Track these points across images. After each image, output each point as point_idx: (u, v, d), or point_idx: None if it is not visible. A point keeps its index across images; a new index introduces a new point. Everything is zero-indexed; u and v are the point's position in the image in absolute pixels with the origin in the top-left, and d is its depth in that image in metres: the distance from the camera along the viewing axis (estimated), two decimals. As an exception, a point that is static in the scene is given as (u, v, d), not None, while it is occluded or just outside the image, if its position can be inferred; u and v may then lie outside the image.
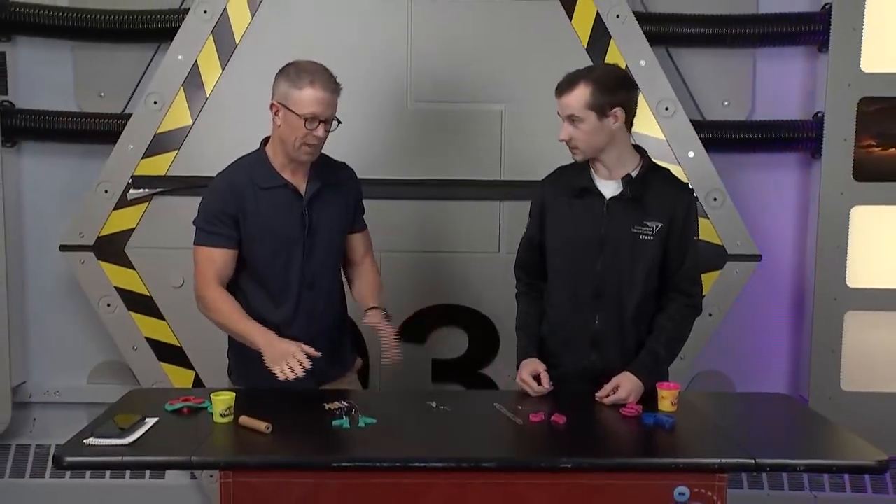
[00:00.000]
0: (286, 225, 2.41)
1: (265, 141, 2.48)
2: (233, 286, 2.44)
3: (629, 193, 2.38)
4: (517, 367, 2.47)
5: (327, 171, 2.49)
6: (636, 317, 2.41)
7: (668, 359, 2.44)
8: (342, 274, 2.62)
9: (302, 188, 2.43)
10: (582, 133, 2.33)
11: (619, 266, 2.39)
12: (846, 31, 3.33)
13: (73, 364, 3.56)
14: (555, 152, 2.62)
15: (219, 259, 2.39)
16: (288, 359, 2.24)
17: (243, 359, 2.46)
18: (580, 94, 2.31)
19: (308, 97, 2.30)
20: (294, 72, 2.34)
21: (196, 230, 2.42)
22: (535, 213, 2.53)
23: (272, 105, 2.36)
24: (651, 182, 2.41)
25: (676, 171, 3.10)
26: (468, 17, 3.23)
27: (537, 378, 2.39)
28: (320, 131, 2.34)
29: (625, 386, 2.31)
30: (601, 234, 2.39)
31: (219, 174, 2.46)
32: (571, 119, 2.33)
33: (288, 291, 2.44)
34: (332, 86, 2.35)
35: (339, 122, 2.40)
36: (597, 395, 2.33)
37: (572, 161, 2.47)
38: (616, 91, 2.34)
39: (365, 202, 2.67)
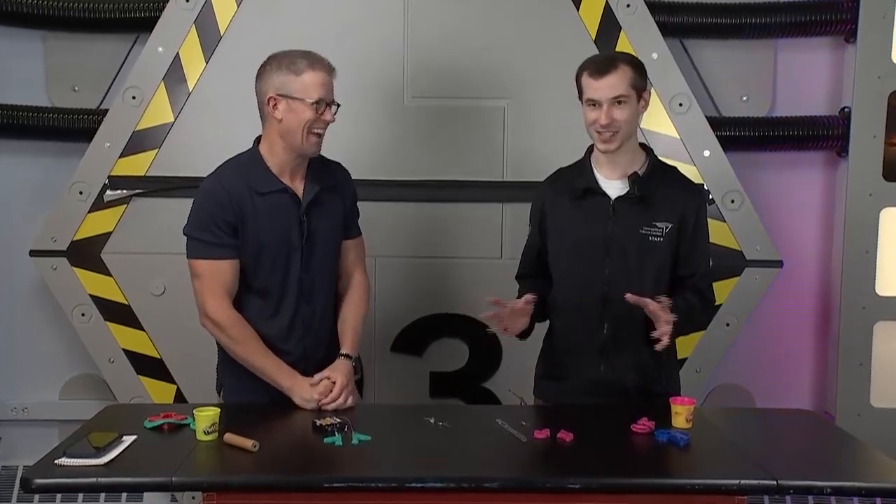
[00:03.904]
0: (285, 233, 2.42)
1: (258, 140, 2.49)
2: None
3: (636, 192, 2.40)
4: None
5: (323, 173, 2.50)
6: (647, 324, 2.41)
7: (697, 317, 2.47)
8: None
9: (300, 192, 2.44)
10: (625, 115, 2.36)
11: (627, 269, 2.41)
12: (875, 20, 3.34)
13: (43, 378, 3.57)
14: (561, 152, 2.65)
15: (227, 272, 2.39)
16: (312, 401, 2.36)
17: (234, 372, 2.48)
18: (625, 73, 2.35)
19: (311, 81, 2.35)
20: (286, 60, 2.37)
21: (191, 240, 2.41)
22: (535, 219, 2.56)
23: (269, 100, 2.37)
24: (659, 181, 2.44)
25: (691, 170, 3.14)
26: (469, 7, 3.25)
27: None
28: (328, 115, 2.39)
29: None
30: (607, 235, 2.41)
31: (211, 177, 2.45)
32: (618, 100, 2.34)
33: (284, 303, 2.45)
34: (328, 66, 2.41)
35: (339, 105, 2.43)
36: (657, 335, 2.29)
37: (572, 162, 2.49)
38: (644, 74, 2.41)
39: (359, 205, 2.68)
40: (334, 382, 2.39)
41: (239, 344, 2.41)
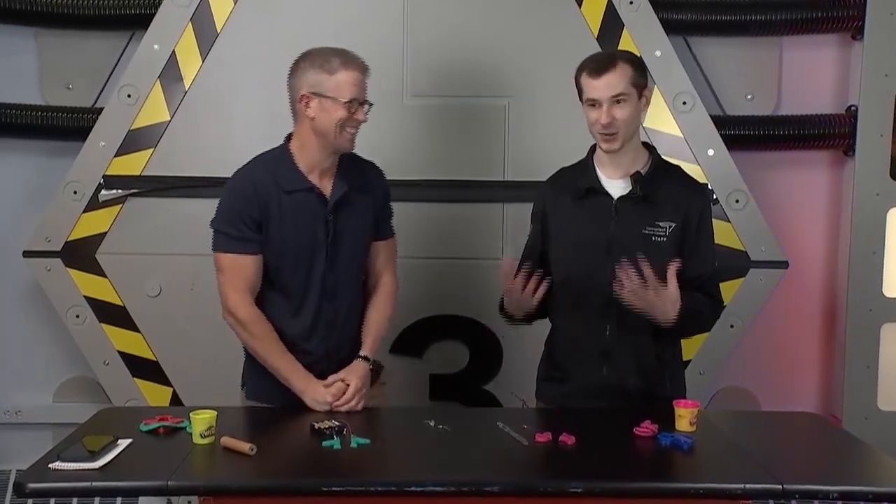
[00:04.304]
0: (309, 232, 2.44)
1: (289, 137, 2.50)
2: None
3: (639, 192, 2.40)
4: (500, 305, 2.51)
5: (355, 173, 2.52)
6: (651, 326, 2.42)
7: (703, 318, 2.47)
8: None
9: (327, 192, 2.46)
10: (626, 114, 2.36)
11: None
12: (883, 16, 3.34)
13: (37, 380, 3.57)
14: (563, 151, 2.65)
15: (249, 267, 2.43)
16: (324, 404, 2.39)
17: (259, 371, 2.50)
18: (624, 71, 2.35)
19: (344, 80, 2.38)
20: (319, 58, 2.40)
21: (216, 234, 2.45)
22: (537, 219, 2.56)
23: (302, 97, 2.39)
24: (662, 180, 2.44)
25: (695, 170, 3.14)
26: (469, 4, 3.25)
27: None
28: (360, 114, 2.42)
29: (658, 299, 2.30)
30: (609, 236, 2.41)
31: (239, 172, 2.49)
32: (617, 99, 2.35)
33: (307, 302, 2.47)
34: (362, 66, 2.44)
35: (371, 105, 2.46)
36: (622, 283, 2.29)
37: (575, 161, 2.50)
38: (645, 71, 2.42)
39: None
40: (348, 385, 2.41)
41: (257, 341, 2.44)
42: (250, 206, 2.41)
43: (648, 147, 2.51)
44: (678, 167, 2.56)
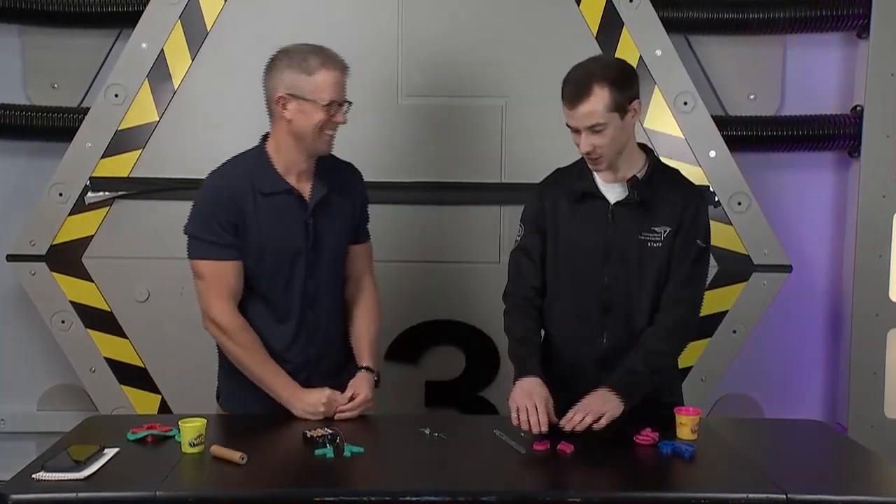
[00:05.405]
0: (289, 236, 2.42)
1: (265, 137, 2.48)
2: None
3: (636, 197, 2.40)
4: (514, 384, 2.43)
5: (333, 174, 2.50)
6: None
7: (650, 372, 2.39)
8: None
9: (306, 194, 2.44)
10: (607, 139, 2.34)
11: (627, 277, 2.41)
12: (889, 15, 3.36)
13: (21, 388, 3.57)
14: (561, 152, 2.65)
15: (231, 273, 2.40)
16: (315, 413, 2.39)
17: (235, 379, 2.48)
18: (600, 98, 2.31)
19: (324, 81, 2.34)
20: (297, 57, 2.36)
21: (192, 240, 2.42)
22: (531, 221, 2.53)
23: (279, 99, 2.36)
24: (659, 184, 2.44)
25: (696, 172, 3.16)
26: (465, 1, 3.26)
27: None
28: (340, 116, 2.39)
29: (590, 403, 2.27)
30: (606, 241, 2.41)
31: (214, 173, 2.45)
32: (594, 129, 2.33)
33: (290, 309, 2.46)
34: (342, 65, 2.40)
35: (350, 104, 2.42)
36: (563, 424, 2.26)
37: (570, 163, 2.50)
38: (631, 83, 2.38)
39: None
40: (355, 396, 2.44)
41: (242, 350, 2.42)
42: (227, 209, 2.37)
43: (645, 149, 2.50)
44: (675, 170, 2.56)
